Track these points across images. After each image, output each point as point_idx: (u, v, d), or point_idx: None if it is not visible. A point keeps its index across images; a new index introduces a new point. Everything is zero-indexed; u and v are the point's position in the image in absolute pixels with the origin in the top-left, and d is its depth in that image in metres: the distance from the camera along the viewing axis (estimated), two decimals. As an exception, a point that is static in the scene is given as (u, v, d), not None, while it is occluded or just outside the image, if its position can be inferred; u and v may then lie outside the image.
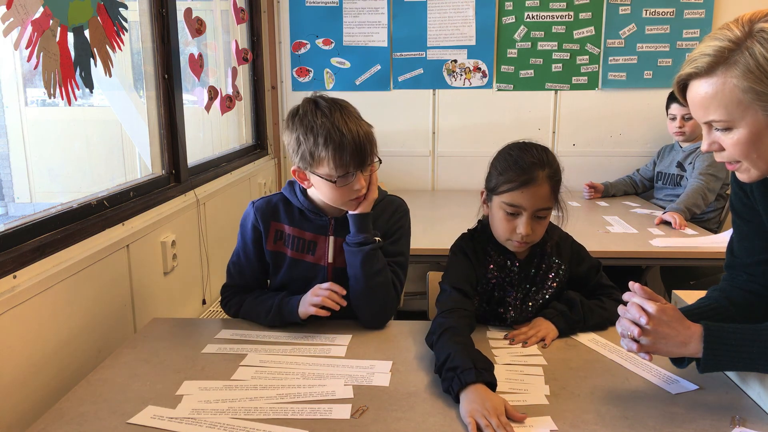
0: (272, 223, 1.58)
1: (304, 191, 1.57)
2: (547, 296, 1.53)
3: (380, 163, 1.51)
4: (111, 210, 1.77)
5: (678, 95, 1.13)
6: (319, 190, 1.50)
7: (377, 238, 1.51)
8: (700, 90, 1.05)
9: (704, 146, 1.11)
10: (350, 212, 1.50)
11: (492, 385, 1.18)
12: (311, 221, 1.57)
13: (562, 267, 1.55)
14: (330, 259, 1.57)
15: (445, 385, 1.21)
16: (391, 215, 1.60)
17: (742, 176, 1.11)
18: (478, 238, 1.56)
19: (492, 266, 1.52)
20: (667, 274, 2.99)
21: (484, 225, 1.56)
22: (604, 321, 1.50)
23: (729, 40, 1.01)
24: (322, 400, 1.20)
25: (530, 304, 1.53)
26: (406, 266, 1.61)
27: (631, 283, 1.18)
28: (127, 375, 1.32)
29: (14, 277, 1.34)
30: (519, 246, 1.47)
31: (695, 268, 2.69)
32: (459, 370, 1.18)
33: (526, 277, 1.53)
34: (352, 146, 1.40)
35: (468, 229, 1.60)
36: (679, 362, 1.23)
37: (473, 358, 1.21)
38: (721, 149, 1.09)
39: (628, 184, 3.41)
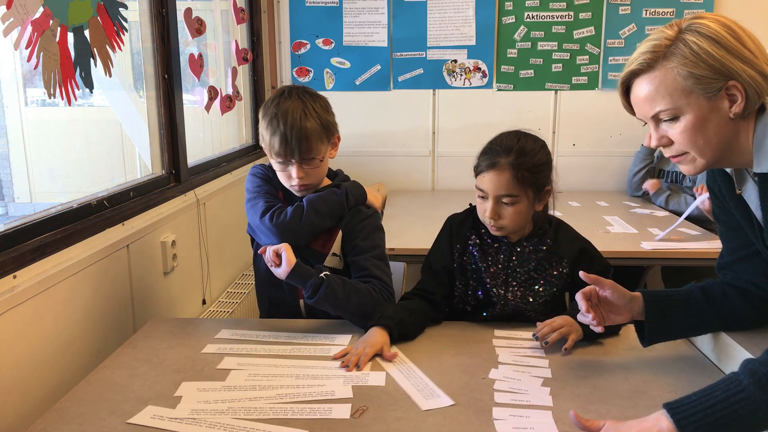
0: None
1: None
2: (538, 288, 1.54)
3: (321, 160, 1.57)
4: (111, 210, 1.77)
5: (622, 100, 1.18)
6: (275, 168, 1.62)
7: (323, 274, 1.48)
8: (644, 86, 1.12)
9: (654, 143, 1.15)
10: (283, 279, 1.47)
11: (389, 330, 1.42)
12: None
13: (564, 263, 1.55)
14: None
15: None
16: (355, 215, 1.63)
17: (687, 168, 1.15)
18: (476, 214, 1.62)
19: (474, 236, 1.59)
20: (668, 274, 2.99)
21: None
22: (618, 325, 1.44)
23: (664, 38, 1.09)
24: (322, 400, 1.20)
25: (517, 291, 1.54)
26: (385, 257, 1.65)
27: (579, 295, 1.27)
28: (126, 375, 1.32)
29: (14, 277, 1.34)
30: (492, 230, 1.53)
31: (696, 268, 2.69)
32: (376, 316, 1.44)
33: (510, 259, 1.55)
34: (283, 136, 1.50)
35: (470, 203, 1.67)
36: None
37: (387, 311, 1.46)
38: (670, 143, 1.14)
39: (647, 156, 3.28)
